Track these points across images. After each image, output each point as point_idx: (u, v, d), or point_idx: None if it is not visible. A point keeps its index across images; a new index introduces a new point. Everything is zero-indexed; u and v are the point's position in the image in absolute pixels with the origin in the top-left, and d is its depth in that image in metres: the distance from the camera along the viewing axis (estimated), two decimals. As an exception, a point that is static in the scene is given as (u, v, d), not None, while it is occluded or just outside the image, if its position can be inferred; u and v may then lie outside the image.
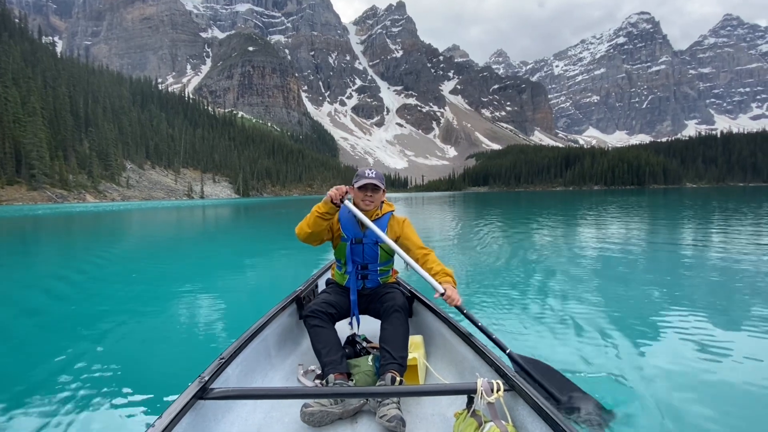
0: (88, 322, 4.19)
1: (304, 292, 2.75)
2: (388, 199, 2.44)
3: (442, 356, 2.28)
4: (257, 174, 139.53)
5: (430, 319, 2.46)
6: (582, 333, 3.50)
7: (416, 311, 2.66)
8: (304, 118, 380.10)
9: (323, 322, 2.11)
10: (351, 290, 2.33)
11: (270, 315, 2.32)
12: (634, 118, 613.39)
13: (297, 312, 2.66)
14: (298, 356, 2.43)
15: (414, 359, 2.09)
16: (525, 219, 17.51)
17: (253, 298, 5.18)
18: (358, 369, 2.06)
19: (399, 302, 2.15)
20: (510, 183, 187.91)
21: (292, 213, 27.24)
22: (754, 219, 14.19)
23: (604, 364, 2.87)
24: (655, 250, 8.49)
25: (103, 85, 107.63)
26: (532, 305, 4.39)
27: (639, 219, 15.74)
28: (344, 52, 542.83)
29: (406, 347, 2.03)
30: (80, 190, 67.86)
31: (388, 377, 1.87)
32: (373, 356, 2.14)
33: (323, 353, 2.02)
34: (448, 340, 2.22)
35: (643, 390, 2.45)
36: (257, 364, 2.10)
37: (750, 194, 42.72)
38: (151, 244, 12.43)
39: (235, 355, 1.88)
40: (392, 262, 2.47)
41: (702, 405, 2.33)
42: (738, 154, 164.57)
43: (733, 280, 5.50)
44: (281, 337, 2.42)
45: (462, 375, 2.03)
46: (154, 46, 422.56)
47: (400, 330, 2.06)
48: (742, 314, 4.05)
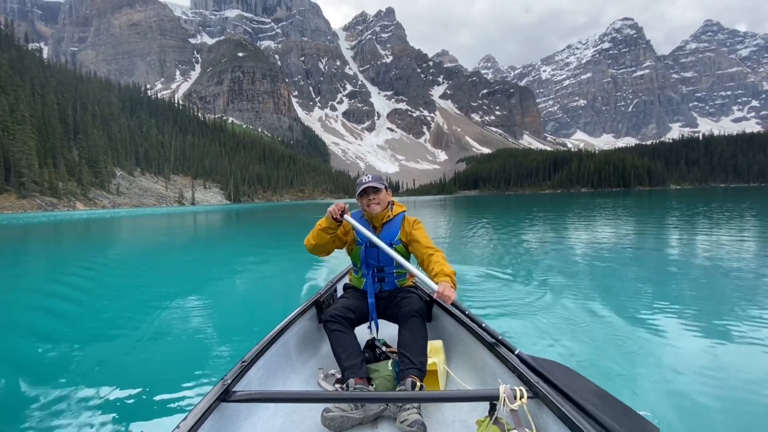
0: (112, 325, 4.26)
1: (324, 296, 2.78)
2: None
3: (462, 362, 2.26)
4: (248, 180, 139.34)
5: (450, 324, 2.45)
6: (580, 331, 3.53)
7: (435, 316, 2.65)
8: (294, 123, 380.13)
9: (343, 327, 2.12)
10: (368, 294, 2.35)
11: (290, 319, 2.34)
12: (620, 122, 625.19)
13: (317, 316, 2.67)
14: (318, 360, 2.44)
15: (434, 364, 2.07)
16: (516, 221, 17.95)
17: (269, 301, 5.19)
18: (378, 374, 2.05)
19: (416, 307, 2.15)
20: (500, 186, 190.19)
21: (293, 217, 27.76)
22: (740, 219, 14.77)
23: (601, 362, 2.91)
24: (643, 248, 8.91)
25: (92, 92, 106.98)
26: (529, 304, 4.44)
27: (626, 220, 16.26)
28: (334, 57, 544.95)
29: (425, 352, 2.02)
30: (70, 197, 67.42)
31: (408, 382, 1.87)
32: (392, 361, 2.14)
33: (343, 358, 2.03)
34: (469, 346, 2.20)
35: (649, 389, 2.47)
36: (278, 367, 2.12)
37: (732, 195, 44.15)
38: (164, 250, 12.63)
39: (256, 359, 1.89)
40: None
41: (695, 400, 2.35)
42: (719, 156, 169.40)
43: (721, 276, 5.69)
44: (301, 341, 2.43)
45: (483, 381, 2.00)
46: (143, 52, 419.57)
47: (418, 335, 2.05)
48: (727, 310, 4.14)
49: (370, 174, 2.42)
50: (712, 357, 2.91)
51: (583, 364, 2.85)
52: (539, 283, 5.49)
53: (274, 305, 5.05)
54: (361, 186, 2.34)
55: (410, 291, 2.35)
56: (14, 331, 4.23)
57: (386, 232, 2.36)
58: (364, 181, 2.35)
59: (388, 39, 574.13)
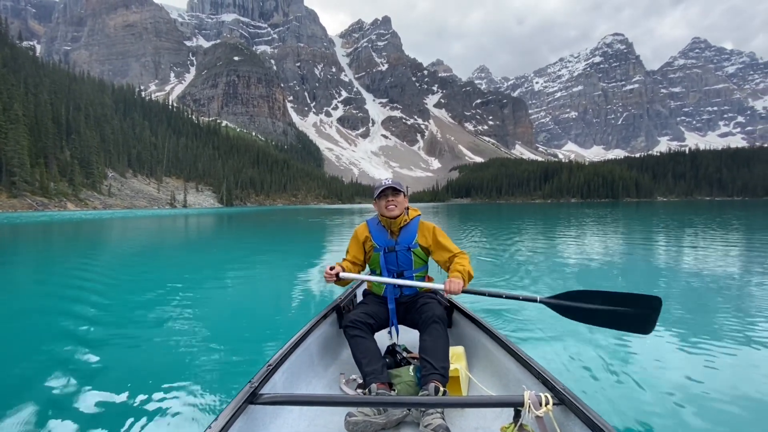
0: (140, 326, 4.32)
1: (344, 301, 2.79)
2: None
3: (484, 368, 2.25)
4: (241, 183, 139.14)
5: (471, 330, 2.44)
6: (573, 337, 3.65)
7: (456, 322, 2.64)
8: (289, 128, 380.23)
9: (363, 333, 2.14)
10: (389, 299, 2.35)
11: (312, 324, 2.36)
12: (610, 134, 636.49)
13: (337, 321, 2.69)
14: (339, 365, 2.45)
15: (456, 370, 2.05)
16: (506, 230, 18.06)
17: (289, 305, 5.25)
18: (400, 379, 2.06)
19: (437, 312, 2.14)
20: (492, 195, 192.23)
21: (299, 222, 28.13)
22: (729, 231, 15.13)
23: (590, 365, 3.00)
24: (634, 256, 9.31)
25: (85, 93, 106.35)
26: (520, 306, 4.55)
27: (614, 230, 16.73)
28: (330, 64, 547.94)
29: (446, 358, 2.02)
30: (61, 197, 66.92)
31: (431, 387, 1.85)
32: (414, 366, 2.13)
33: (364, 363, 2.04)
34: (491, 351, 2.19)
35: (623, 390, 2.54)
36: (301, 371, 2.13)
37: (717, 208, 45.15)
38: (178, 252, 12.75)
39: (281, 363, 1.91)
40: (427, 268, 2.48)
41: (674, 405, 2.40)
42: (705, 170, 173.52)
43: (707, 284, 5.96)
44: (323, 345, 2.44)
45: (507, 387, 1.97)
46: (137, 53, 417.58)
47: (440, 341, 2.05)
48: (710, 316, 4.34)
49: (389, 178, 2.47)
50: (693, 362, 2.96)
51: (573, 367, 2.96)
52: (529, 286, 5.70)
53: (293, 309, 5.08)
54: (380, 188, 2.37)
55: (430, 297, 2.36)
56: (64, 335, 4.11)
57: (404, 236, 2.37)
58: (384, 183, 2.39)
59: (383, 47, 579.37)
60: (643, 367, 2.79)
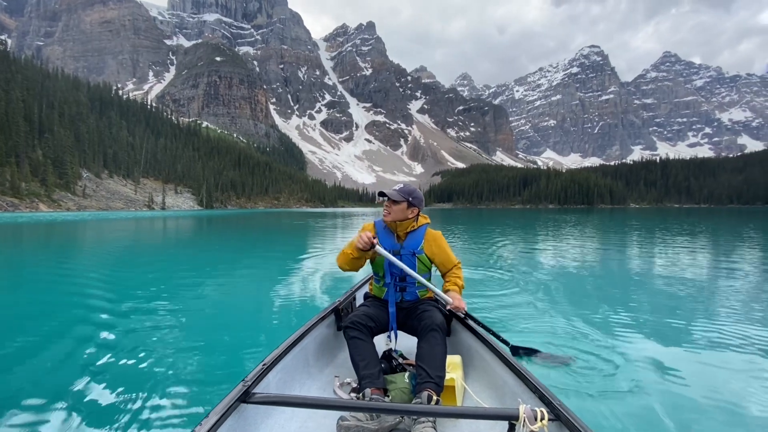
0: (130, 324, 4.27)
1: (343, 303, 2.78)
2: (363, 214, 2.57)
3: (480, 378, 2.23)
4: (222, 186, 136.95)
5: (469, 340, 2.43)
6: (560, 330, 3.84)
7: (455, 330, 2.63)
8: (271, 130, 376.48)
9: (362, 335, 2.13)
10: (390, 303, 2.36)
11: (309, 325, 2.34)
12: (587, 142, 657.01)
13: (335, 323, 2.67)
14: (334, 368, 2.43)
15: (451, 380, 2.03)
16: (489, 235, 18.42)
17: (286, 306, 5.23)
18: (395, 385, 2.04)
19: (437, 321, 2.13)
20: (473, 200, 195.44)
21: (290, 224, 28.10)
22: (698, 239, 15.85)
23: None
24: (608, 261, 9.59)
25: (60, 90, 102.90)
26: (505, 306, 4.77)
27: (591, 236, 17.18)
28: (314, 67, 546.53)
29: (443, 367, 2.00)
30: (33, 198, 64.57)
31: (424, 395, 1.84)
32: (409, 373, 2.13)
33: (361, 366, 2.03)
34: (488, 363, 2.17)
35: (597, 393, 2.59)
36: (296, 372, 2.12)
37: (685, 215, 46.77)
38: (172, 252, 12.80)
39: (276, 362, 1.90)
40: (429, 275, 2.49)
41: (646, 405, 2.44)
42: (674, 178, 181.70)
43: (675, 291, 6.07)
44: (319, 347, 2.43)
45: (502, 400, 1.96)
46: (114, 51, 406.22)
47: (437, 349, 2.03)
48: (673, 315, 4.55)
49: (403, 184, 2.47)
50: (697, 379, 2.93)
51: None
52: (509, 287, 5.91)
53: (291, 310, 5.02)
54: (381, 192, 2.41)
55: (431, 304, 2.35)
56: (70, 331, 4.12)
57: (410, 242, 2.38)
58: (390, 190, 2.40)
59: (368, 52, 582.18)
60: (644, 386, 2.76)
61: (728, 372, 3.03)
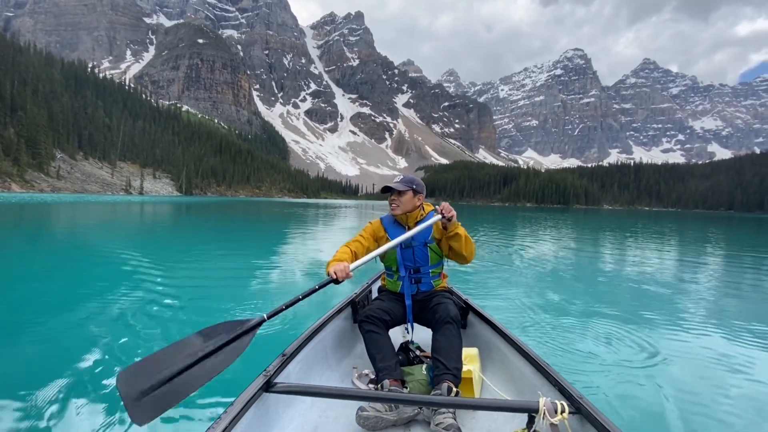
0: (157, 314, 4.28)
1: (359, 296, 2.81)
2: (342, 206, 2.55)
3: (498, 371, 2.22)
4: (202, 172, 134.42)
5: (486, 332, 2.42)
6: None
7: (471, 323, 2.63)
8: (254, 117, 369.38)
9: (378, 328, 2.14)
10: (405, 295, 2.36)
11: (327, 317, 2.37)
12: (566, 143, 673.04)
13: (352, 316, 2.69)
14: (352, 359, 2.46)
15: (469, 372, 2.02)
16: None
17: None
18: (412, 377, 2.05)
19: (452, 313, 2.11)
20: (454, 196, 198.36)
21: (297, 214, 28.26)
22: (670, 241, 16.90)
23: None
24: (579, 260, 9.91)
25: (32, 66, 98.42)
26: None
27: (567, 235, 17.93)
28: (300, 54, 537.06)
29: (459, 359, 2.00)
30: (5, 178, 62.43)
31: (444, 387, 1.83)
32: (426, 365, 2.11)
33: (378, 358, 2.05)
34: (506, 355, 2.16)
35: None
36: (315, 363, 2.15)
37: (654, 218, 48.63)
38: (183, 240, 12.69)
39: (296, 353, 1.94)
40: (442, 264, 2.49)
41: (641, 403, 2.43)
42: (646, 182, 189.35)
43: (645, 288, 6.37)
44: (337, 339, 2.45)
45: (521, 392, 1.95)
46: (89, 26, 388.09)
47: (453, 342, 2.02)
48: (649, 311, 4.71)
49: (403, 175, 2.45)
50: (719, 374, 2.93)
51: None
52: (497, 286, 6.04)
53: (308, 303, 5.02)
54: (385, 186, 2.40)
55: (445, 297, 2.33)
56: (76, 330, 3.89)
57: (419, 234, 2.34)
58: (393, 181, 2.40)
59: (355, 42, 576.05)
60: (667, 379, 2.71)
61: (749, 366, 3.08)
